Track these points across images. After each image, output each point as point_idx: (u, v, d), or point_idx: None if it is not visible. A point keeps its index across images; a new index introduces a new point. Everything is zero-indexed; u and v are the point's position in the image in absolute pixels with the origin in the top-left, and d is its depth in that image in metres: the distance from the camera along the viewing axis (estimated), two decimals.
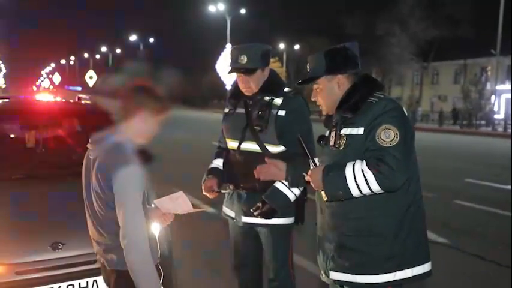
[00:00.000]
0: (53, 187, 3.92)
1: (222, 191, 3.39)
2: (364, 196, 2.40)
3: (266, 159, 2.98)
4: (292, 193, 3.18)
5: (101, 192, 2.39)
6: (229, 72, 3.36)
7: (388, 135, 2.34)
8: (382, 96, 2.50)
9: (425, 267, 2.53)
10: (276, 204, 3.16)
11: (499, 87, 37.55)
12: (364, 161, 2.35)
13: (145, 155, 3.51)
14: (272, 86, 3.33)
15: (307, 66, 2.66)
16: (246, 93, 3.33)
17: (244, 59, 3.23)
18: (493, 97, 35.71)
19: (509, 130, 30.88)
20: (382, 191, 2.34)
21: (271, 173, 3.02)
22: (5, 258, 3.21)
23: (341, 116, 2.53)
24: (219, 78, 34.57)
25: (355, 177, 2.34)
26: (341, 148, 2.47)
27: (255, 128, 3.26)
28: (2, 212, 3.54)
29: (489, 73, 37.11)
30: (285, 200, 3.18)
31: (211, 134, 3.45)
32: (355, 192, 2.36)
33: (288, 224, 3.33)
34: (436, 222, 6.69)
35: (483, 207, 8.37)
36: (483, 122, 34.58)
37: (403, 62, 45.61)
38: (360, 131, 2.42)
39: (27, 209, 3.58)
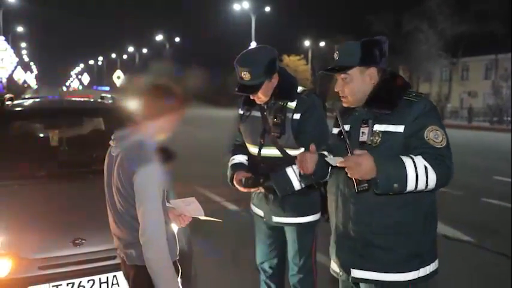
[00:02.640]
0: (75, 185, 3.99)
1: (246, 185, 3.32)
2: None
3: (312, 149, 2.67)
4: (298, 183, 3.17)
5: (122, 188, 2.42)
6: (236, 93, 3.27)
7: (437, 136, 2.32)
8: (421, 95, 2.47)
9: (436, 264, 2.53)
10: (278, 186, 3.19)
11: None
12: (419, 156, 2.29)
13: (167, 154, 3.55)
14: (284, 90, 3.27)
15: (337, 55, 2.56)
16: (258, 102, 3.31)
17: (246, 75, 3.14)
18: None
19: None
20: (434, 188, 2.32)
21: (306, 164, 2.67)
22: (28, 253, 3.27)
23: (373, 111, 2.47)
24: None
25: (416, 171, 2.25)
26: (374, 145, 2.41)
27: (274, 133, 3.25)
28: (25, 209, 3.61)
29: None
30: (289, 185, 3.19)
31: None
32: (411, 185, 2.26)
33: (314, 221, 3.37)
34: (462, 220, 6.62)
35: (510, 205, 8.19)
36: None
37: (431, 59, 45.00)
38: (399, 128, 2.37)
39: (49, 206, 3.65)
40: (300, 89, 3.32)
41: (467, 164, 12.23)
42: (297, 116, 3.22)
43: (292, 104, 3.24)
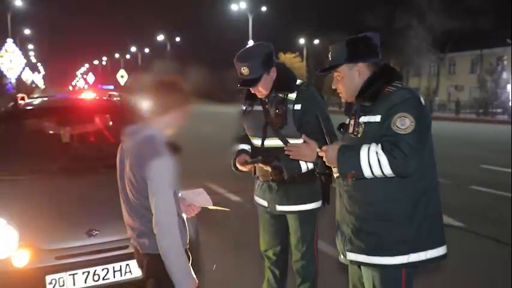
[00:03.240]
0: (87, 179, 3.99)
1: (253, 162, 3.34)
2: (381, 182, 2.40)
3: (303, 137, 2.80)
4: (305, 165, 3.19)
5: (134, 181, 2.43)
6: (238, 88, 3.32)
7: (403, 123, 2.33)
8: (400, 85, 2.48)
9: (439, 251, 2.52)
10: (287, 167, 3.19)
11: None
12: (379, 144, 2.34)
13: (173, 147, 3.56)
14: (283, 82, 3.29)
15: (329, 56, 2.62)
16: (259, 96, 3.33)
17: (245, 70, 3.18)
18: (509, 86, 35.03)
19: None
20: (394, 175, 2.34)
21: (302, 153, 2.84)
22: (45, 244, 3.30)
23: (360, 104, 2.52)
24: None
25: (369, 158, 2.34)
26: (359, 135, 2.47)
27: (276, 125, 3.27)
28: (40, 202, 3.61)
29: (505, 62, 36.31)
30: (297, 167, 3.20)
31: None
32: (366, 172, 2.36)
33: (315, 209, 3.39)
34: (452, 207, 6.63)
35: (498, 192, 8.27)
36: (499, 110, 34.00)
37: (421, 54, 45.09)
38: (377, 118, 2.41)
39: (64, 199, 3.67)
40: (298, 81, 3.34)
41: (456, 154, 12.29)
42: (297, 107, 3.24)
43: (293, 96, 3.26)
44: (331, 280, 4.04)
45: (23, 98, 5.36)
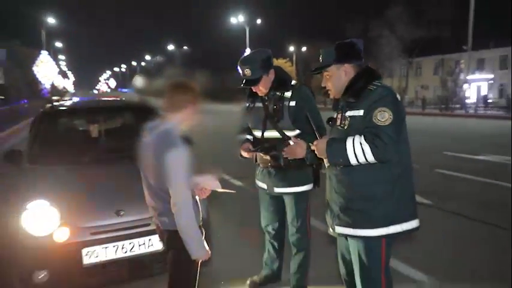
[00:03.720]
0: (114, 167, 4.00)
1: (255, 151, 3.34)
2: (365, 168, 2.40)
3: (292, 139, 2.88)
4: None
5: (155, 169, 2.43)
6: (242, 87, 3.29)
7: (383, 116, 2.33)
8: (379, 84, 2.48)
9: (413, 224, 2.53)
10: (283, 156, 3.16)
11: (470, 77, 36.81)
12: (362, 136, 2.34)
13: (186, 140, 3.57)
14: (280, 83, 3.30)
15: (320, 58, 2.61)
16: (259, 94, 3.34)
17: (248, 72, 3.21)
18: (465, 85, 35.05)
19: (479, 112, 30.58)
20: (376, 162, 2.35)
21: (295, 152, 2.90)
22: (82, 223, 3.34)
23: (346, 100, 2.52)
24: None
25: (354, 148, 2.34)
26: (345, 127, 2.47)
27: (274, 119, 3.28)
28: (77, 187, 3.63)
29: (462, 66, 36.35)
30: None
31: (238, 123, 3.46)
32: (353, 160, 2.36)
33: (307, 190, 3.39)
34: (421, 187, 6.63)
35: (458, 174, 8.30)
36: (458, 106, 34.08)
37: (392, 59, 45.20)
38: (360, 112, 2.41)
39: (96, 185, 3.68)
40: (293, 82, 3.34)
41: (423, 143, 12.29)
42: (292, 103, 3.24)
43: (288, 94, 3.27)
44: (321, 250, 4.06)
45: (57, 100, 5.35)
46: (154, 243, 3.42)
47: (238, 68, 3.25)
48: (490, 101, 38.15)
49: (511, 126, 14.12)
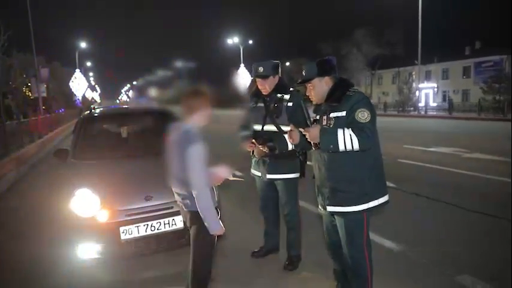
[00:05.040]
0: (141, 162, 3.99)
1: (257, 143, 3.32)
2: (348, 156, 2.42)
3: (291, 126, 2.77)
4: (291, 145, 3.19)
5: (179, 161, 2.41)
6: (253, 77, 3.38)
7: (363, 115, 2.37)
8: (356, 90, 2.51)
9: (385, 198, 2.58)
10: (279, 147, 3.23)
11: (420, 85, 37.31)
12: (349, 129, 2.37)
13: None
14: (281, 87, 3.35)
15: (303, 72, 2.61)
16: (263, 93, 3.35)
17: (261, 69, 3.29)
18: (417, 92, 35.38)
19: (429, 113, 31.05)
20: (358, 150, 2.37)
21: (292, 137, 2.76)
22: (119, 206, 3.35)
23: (329, 105, 2.53)
24: (237, 86, 34.47)
25: (344, 137, 2.36)
26: (331, 126, 2.48)
27: (273, 115, 3.30)
28: (111, 178, 3.63)
29: (414, 76, 36.67)
30: (285, 145, 3.23)
31: (235, 125, 3.43)
32: (341, 147, 2.38)
33: (296, 178, 3.39)
34: (386, 173, 6.69)
35: (416, 163, 8.35)
36: (412, 108, 34.40)
37: (359, 71, 45.56)
38: (343, 113, 2.44)
39: (128, 175, 3.68)
40: (291, 88, 3.37)
41: (385, 138, 12.27)
42: (290, 104, 3.28)
43: (287, 97, 3.31)
44: (308, 225, 4.08)
45: (93, 108, 5.32)
46: (177, 223, 3.43)
47: (253, 67, 3.34)
48: (435, 104, 38.57)
49: (511, 127, 13.90)
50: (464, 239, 4.09)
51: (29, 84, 24.32)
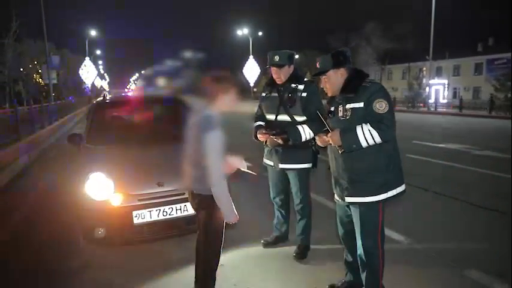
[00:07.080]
0: (153, 147, 3.98)
1: (271, 133, 3.29)
2: (368, 147, 2.41)
3: (317, 136, 2.70)
4: (305, 136, 3.22)
5: (196, 145, 2.38)
6: (268, 66, 3.34)
7: (381, 106, 2.35)
8: (372, 81, 2.49)
9: (402, 187, 2.56)
10: (292, 137, 3.21)
11: (431, 81, 36.73)
12: (367, 123, 2.36)
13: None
14: (296, 77, 3.33)
15: (318, 64, 2.57)
16: (278, 82, 3.33)
17: (277, 58, 3.26)
18: (427, 88, 34.94)
19: (439, 109, 30.62)
20: (381, 142, 2.37)
21: (324, 140, 2.67)
22: (132, 191, 3.38)
23: (345, 96, 2.50)
24: (245, 78, 34.34)
25: (364, 134, 2.36)
26: (348, 117, 2.46)
27: (287, 105, 3.28)
28: (125, 163, 3.64)
29: (424, 72, 36.15)
30: (299, 136, 3.22)
31: (245, 115, 3.40)
32: (364, 144, 2.38)
33: (308, 168, 3.39)
34: None
35: (424, 158, 8.30)
36: (421, 104, 34.06)
37: (368, 65, 45.04)
38: (361, 104, 2.42)
39: (141, 161, 3.69)
40: (305, 79, 3.35)
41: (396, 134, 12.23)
42: (304, 95, 3.25)
43: (301, 87, 3.28)
44: (319, 216, 4.08)
45: (105, 95, 5.36)
46: (188, 209, 3.46)
47: (269, 55, 3.31)
48: (445, 101, 38.08)
49: (511, 127, 13.74)
50: (473, 235, 4.08)
51: (40, 71, 24.58)
